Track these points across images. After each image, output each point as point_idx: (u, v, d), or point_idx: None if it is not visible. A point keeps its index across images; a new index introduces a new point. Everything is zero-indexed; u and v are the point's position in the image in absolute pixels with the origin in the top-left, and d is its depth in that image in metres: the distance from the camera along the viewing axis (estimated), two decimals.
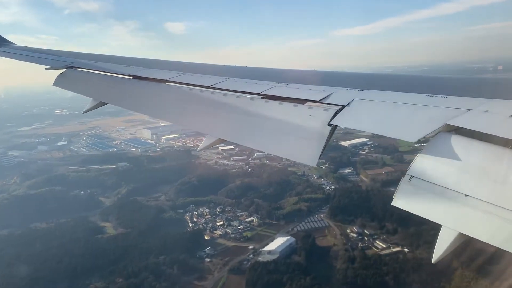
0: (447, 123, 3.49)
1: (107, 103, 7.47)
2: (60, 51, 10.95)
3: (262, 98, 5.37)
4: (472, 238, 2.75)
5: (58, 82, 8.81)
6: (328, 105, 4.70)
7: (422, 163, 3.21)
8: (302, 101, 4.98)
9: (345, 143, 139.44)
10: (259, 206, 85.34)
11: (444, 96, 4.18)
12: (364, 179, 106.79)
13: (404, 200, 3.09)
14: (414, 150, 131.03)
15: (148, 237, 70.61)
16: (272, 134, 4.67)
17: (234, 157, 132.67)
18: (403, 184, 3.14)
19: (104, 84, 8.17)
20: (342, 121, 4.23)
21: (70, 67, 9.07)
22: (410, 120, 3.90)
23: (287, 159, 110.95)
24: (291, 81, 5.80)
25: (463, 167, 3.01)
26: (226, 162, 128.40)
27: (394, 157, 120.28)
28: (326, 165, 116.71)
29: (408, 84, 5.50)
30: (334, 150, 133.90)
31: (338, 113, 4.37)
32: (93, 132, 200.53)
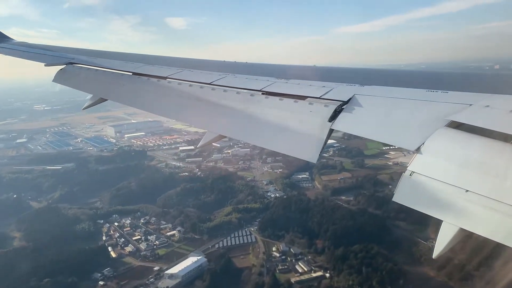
0: (448, 118, 3.46)
1: (107, 99, 7.44)
2: (60, 47, 11.05)
3: (262, 94, 5.27)
4: (473, 233, 2.72)
5: (58, 78, 8.80)
6: (328, 101, 4.55)
7: (423, 159, 3.17)
8: (303, 97, 4.82)
9: None
10: (188, 217, 77.13)
11: (444, 91, 4.11)
12: (318, 185, 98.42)
13: (404, 196, 3.06)
14: (379, 154, 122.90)
15: (44, 253, 62.53)
16: (272, 130, 4.62)
17: (189, 159, 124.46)
18: (404, 179, 3.11)
19: (104, 80, 8.09)
20: (342, 125, 4.08)
21: (70, 63, 9.04)
22: (410, 123, 3.75)
23: (243, 163, 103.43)
24: (291, 77, 5.71)
25: (464, 162, 2.99)
26: (179, 164, 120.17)
27: (355, 161, 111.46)
28: (281, 170, 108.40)
29: (408, 79, 5.35)
30: None
31: (338, 109, 4.25)
32: (60, 129, 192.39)
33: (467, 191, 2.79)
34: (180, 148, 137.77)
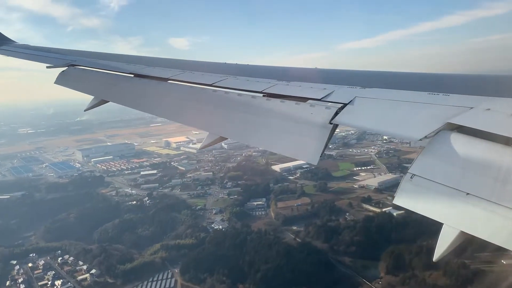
0: (449, 121, 3.42)
1: (108, 101, 7.32)
2: (62, 49, 10.86)
3: (263, 96, 5.19)
4: (473, 236, 2.73)
5: (60, 80, 8.72)
6: (329, 103, 4.50)
7: (424, 162, 3.17)
8: (304, 99, 4.77)
9: (277, 167, 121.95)
10: (109, 257, 68.58)
11: (446, 94, 4.06)
12: (272, 213, 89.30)
13: (405, 199, 3.05)
14: (349, 175, 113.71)
15: None
16: (273, 132, 4.57)
17: (146, 185, 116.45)
18: (405, 182, 3.10)
19: (106, 82, 8.00)
20: (343, 120, 4.10)
21: (72, 65, 8.98)
22: (412, 119, 3.80)
23: (201, 188, 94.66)
24: (292, 79, 5.61)
25: (465, 165, 2.98)
26: (132, 191, 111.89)
27: (318, 185, 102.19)
28: (236, 196, 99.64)
29: (409, 82, 5.25)
30: (259, 175, 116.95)
31: (339, 111, 4.22)
32: (33, 153, 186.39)
33: (467, 194, 2.77)
34: (141, 173, 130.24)
